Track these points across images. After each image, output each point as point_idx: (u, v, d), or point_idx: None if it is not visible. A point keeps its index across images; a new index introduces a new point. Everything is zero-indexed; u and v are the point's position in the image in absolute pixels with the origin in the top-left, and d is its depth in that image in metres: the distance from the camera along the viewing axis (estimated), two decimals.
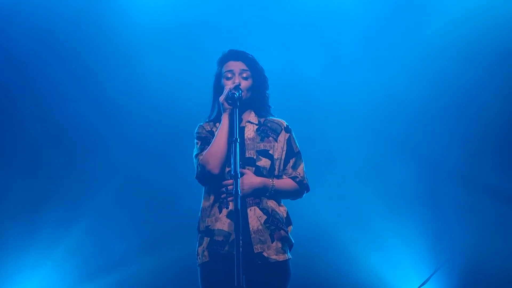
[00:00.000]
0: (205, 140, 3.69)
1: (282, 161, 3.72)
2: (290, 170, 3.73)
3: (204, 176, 3.59)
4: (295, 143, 3.79)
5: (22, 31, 6.49)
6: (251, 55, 3.80)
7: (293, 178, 3.71)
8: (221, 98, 3.58)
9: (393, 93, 6.61)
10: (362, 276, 6.31)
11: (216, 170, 3.53)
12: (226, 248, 3.51)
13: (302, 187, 3.73)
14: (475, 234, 6.37)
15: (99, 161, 6.54)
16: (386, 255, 6.37)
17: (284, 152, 3.73)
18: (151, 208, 6.48)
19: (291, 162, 3.74)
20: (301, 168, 3.75)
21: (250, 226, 3.52)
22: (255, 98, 3.76)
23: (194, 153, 3.71)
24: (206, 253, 3.57)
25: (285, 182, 3.69)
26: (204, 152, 3.60)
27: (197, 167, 3.63)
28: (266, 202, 3.60)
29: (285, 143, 3.75)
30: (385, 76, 6.62)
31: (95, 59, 6.60)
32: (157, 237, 6.44)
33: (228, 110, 3.56)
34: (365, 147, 6.59)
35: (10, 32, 6.49)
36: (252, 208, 3.56)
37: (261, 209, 3.57)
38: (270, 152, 3.68)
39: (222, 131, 3.55)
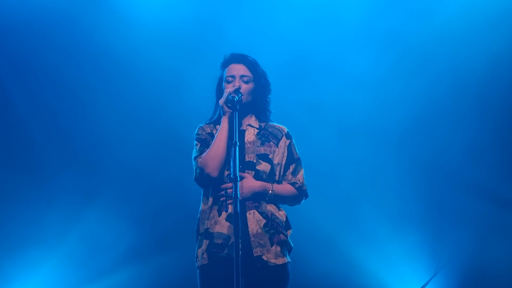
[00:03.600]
0: (205, 142, 3.69)
1: (283, 167, 3.73)
2: (289, 176, 3.74)
3: (203, 178, 3.59)
4: (295, 149, 3.80)
5: (22, 30, 6.48)
6: (252, 58, 3.79)
7: (293, 184, 3.72)
8: (221, 101, 3.57)
9: (393, 95, 6.60)
10: (361, 280, 6.31)
11: (215, 173, 3.54)
12: (226, 251, 3.52)
13: (301, 193, 3.75)
14: (474, 238, 6.37)
15: (99, 163, 6.53)
16: (385, 259, 6.36)
17: (284, 158, 3.74)
18: (150, 210, 6.48)
19: (291, 168, 3.76)
20: (300, 175, 3.76)
21: (249, 229, 3.53)
22: (256, 102, 3.75)
23: (193, 155, 3.71)
24: (205, 255, 3.57)
25: (284, 188, 3.70)
26: (203, 155, 3.60)
27: (196, 169, 3.63)
28: (266, 206, 3.61)
29: (286, 149, 3.75)
30: (384, 77, 6.61)
31: (98, 58, 6.57)
32: (157, 239, 6.44)
33: (227, 113, 3.56)
34: (364, 150, 6.58)
35: (9, 32, 6.49)
36: (252, 211, 3.57)
37: (261, 213, 3.58)
38: (270, 156, 3.69)
39: (221, 134, 3.55)
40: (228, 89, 3.62)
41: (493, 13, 6.44)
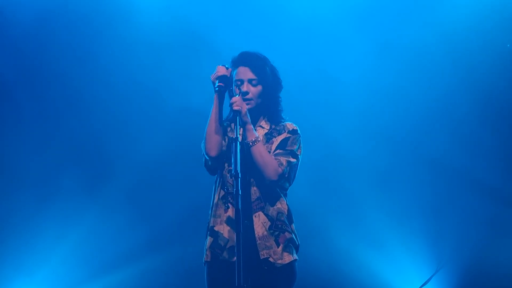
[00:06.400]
0: None
1: (271, 153, 3.61)
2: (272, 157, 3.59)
3: (206, 161, 3.63)
4: (292, 143, 3.66)
5: (24, 29, 6.48)
6: (260, 57, 3.72)
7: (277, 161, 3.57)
8: (212, 77, 3.51)
9: (396, 93, 6.60)
10: (363, 277, 6.31)
11: (212, 153, 3.55)
12: (224, 254, 3.56)
13: (278, 172, 3.52)
14: (476, 235, 6.36)
15: (102, 159, 6.54)
16: (387, 256, 6.37)
17: (274, 146, 3.65)
18: (158, 205, 6.49)
19: (277, 151, 3.61)
20: (284, 159, 3.57)
21: (255, 232, 3.54)
22: (266, 103, 3.71)
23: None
24: (208, 252, 3.62)
25: (268, 154, 3.54)
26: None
27: (203, 154, 3.65)
28: (270, 208, 3.59)
29: (280, 141, 3.67)
30: (388, 75, 6.60)
31: (103, 58, 6.59)
32: (164, 233, 6.43)
33: (219, 88, 3.50)
34: (367, 148, 6.57)
35: (12, 31, 6.49)
36: (257, 214, 3.57)
37: (266, 215, 3.57)
38: (271, 153, 3.63)
39: (212, 111, 3.55)
40: (219, 72, 3.50)
41: (496, 10, 6.45)
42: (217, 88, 3.46)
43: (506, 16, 6.45)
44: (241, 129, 3.48)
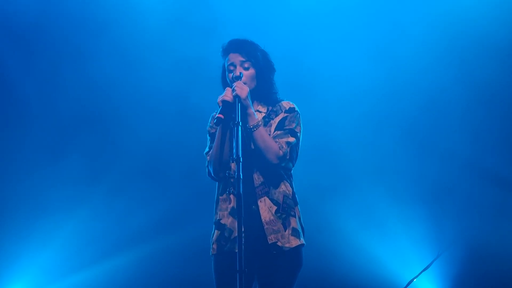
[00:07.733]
0: (214, 136, 3.70)
1: (271, 135, 3.63)
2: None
3: (212, 177, 3.68)
4: (290, 122, 3.68)
5: (26, 27, 6.50)
6: (250, 42, 3.76)
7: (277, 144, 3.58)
8: (219, 100, 3.50)
9: (400, 83, 6.61)
10: (364, 262, 6.33)
11: (220, 174, 3.62)
12: (228, 245, 3.58)
13: (278, 155, 3.55)
14: (478, 220, 6.38)
15: (106, 143, 6.60)
16: (388, 241, 6.39)
17: (273, 128, 3.67)
18: (162, 191, 6.53)
19: (276, 133, 3.64)
20: (283, 140, 3.59)
21: (262, 217, 3.55)
22: (260, 86, 3.73)
23: (205, 151, 3.75)
24: (214, 246, 3.65)
25: (269, 137, 3.56)
26: (210, 152, 3.66)
27: (207, 166, 3.69)
28: (275, 192, 3.61)
29: (278, 121, 3.69)
30: (393, 65, 6.61)
31: (106, 53, 6.64)
32: (170, 219, 6.47)
33: (217, 120, 3.46)
34: (370, 136, 6.61)
35: (14, 29, 6.50)
36: (263, 199, 3.58)
37: (271, 199, 3.59)
38: (271, 136, 3.64)
39: (217, 138, 3.59)
40: (226, 97, 3.48)
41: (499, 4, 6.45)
42: (215, 120, 3.44)
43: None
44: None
